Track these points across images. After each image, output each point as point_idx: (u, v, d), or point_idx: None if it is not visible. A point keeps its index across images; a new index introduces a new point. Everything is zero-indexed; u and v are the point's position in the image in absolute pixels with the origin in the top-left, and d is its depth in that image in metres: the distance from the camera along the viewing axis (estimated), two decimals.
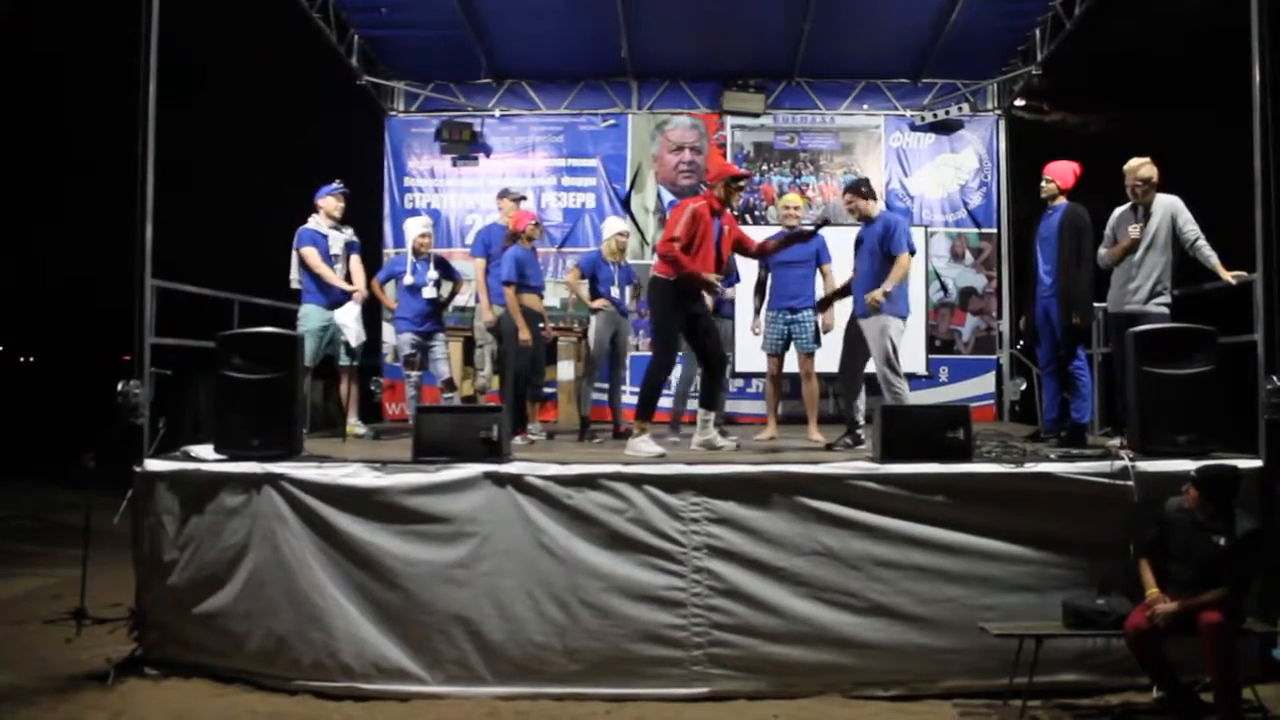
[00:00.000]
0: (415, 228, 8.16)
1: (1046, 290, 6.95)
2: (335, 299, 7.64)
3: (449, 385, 8.20)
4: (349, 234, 7.90)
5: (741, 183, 6.70)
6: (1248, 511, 4.92)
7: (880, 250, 6.64)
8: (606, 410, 8.61)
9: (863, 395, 7.04)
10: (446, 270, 8.19)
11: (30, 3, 18.77)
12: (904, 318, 6.66)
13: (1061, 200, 6.93)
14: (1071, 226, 6.76)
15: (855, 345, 6.81)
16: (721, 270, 6.60)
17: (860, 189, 6.82)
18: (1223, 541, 4.75)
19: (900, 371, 6.59)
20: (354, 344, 7.61)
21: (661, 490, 5.43)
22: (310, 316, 7.60)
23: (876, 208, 6.82)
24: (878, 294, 6.51)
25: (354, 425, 7.88)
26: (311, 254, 7.58)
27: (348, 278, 7.80)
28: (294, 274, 7.73)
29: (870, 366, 6.80)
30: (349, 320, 7.56)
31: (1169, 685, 4.91)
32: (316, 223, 7.71)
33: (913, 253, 6.72)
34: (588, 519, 5.42)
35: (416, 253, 8.03)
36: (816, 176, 11.03)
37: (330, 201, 7.75)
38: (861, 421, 6.86)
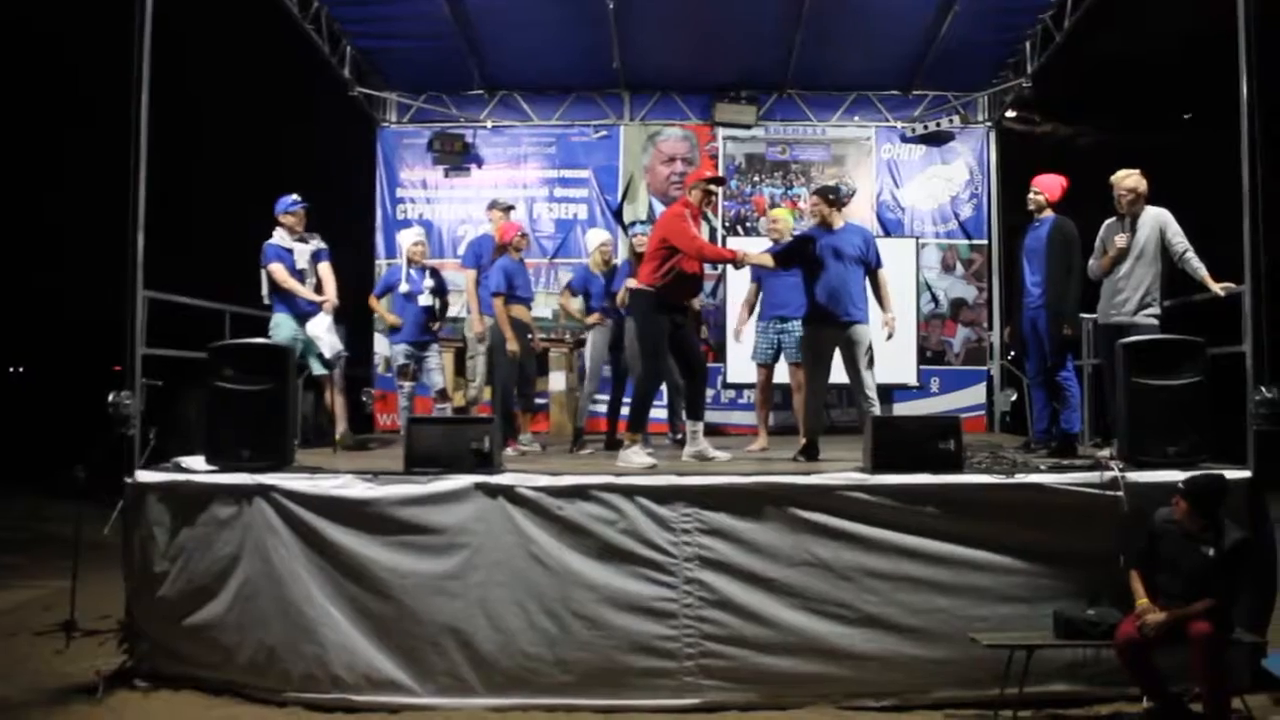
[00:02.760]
0: (409, 237, 8.20)
1: (1035, 301, 6.99)
2: (302, 310, 7.57)
3: (442, 395, 8.21)
4: (315, 243, 7.75)
5: (714, 186, 6.70)
6: (1236, 522, 4.94)
7: (862, 261, 6.64)
8: (602, 421, 8.56)
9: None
10: (439, 283, 8.21)
11: (26, 11, 18.76)
12: None
13: (1049, 213, 6.99)
14: (1060, 238, 6.81)
15: (826, 357, 6.70)
16: (701, 274, 6.71)
17: (829, 196, 6.78)
18: (1211, 552, 4.77)
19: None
20: (328, 355, 7.49)
21: (653, 501, 5.43)
22: (281, 326, 7.51)
23: (840, 218, 6.79)
24: (893, 320, 6.74)
25: (343, 435, 7.87)
26: (278, 270, 7.49)
27: (319, 287, 7.77)
28: (264, 289, 7.67)
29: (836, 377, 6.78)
30: (320, 331, 7.47)
31: (1159, 695, 4.93)
32: (281, 237, 7.61)
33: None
34: (579, 530, 5.42)
35: (411, 261, 8.04)
36: (808, 188, 11.05)
37: (290, 217, 7.63)
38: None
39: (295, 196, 7.71)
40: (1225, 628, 4.77)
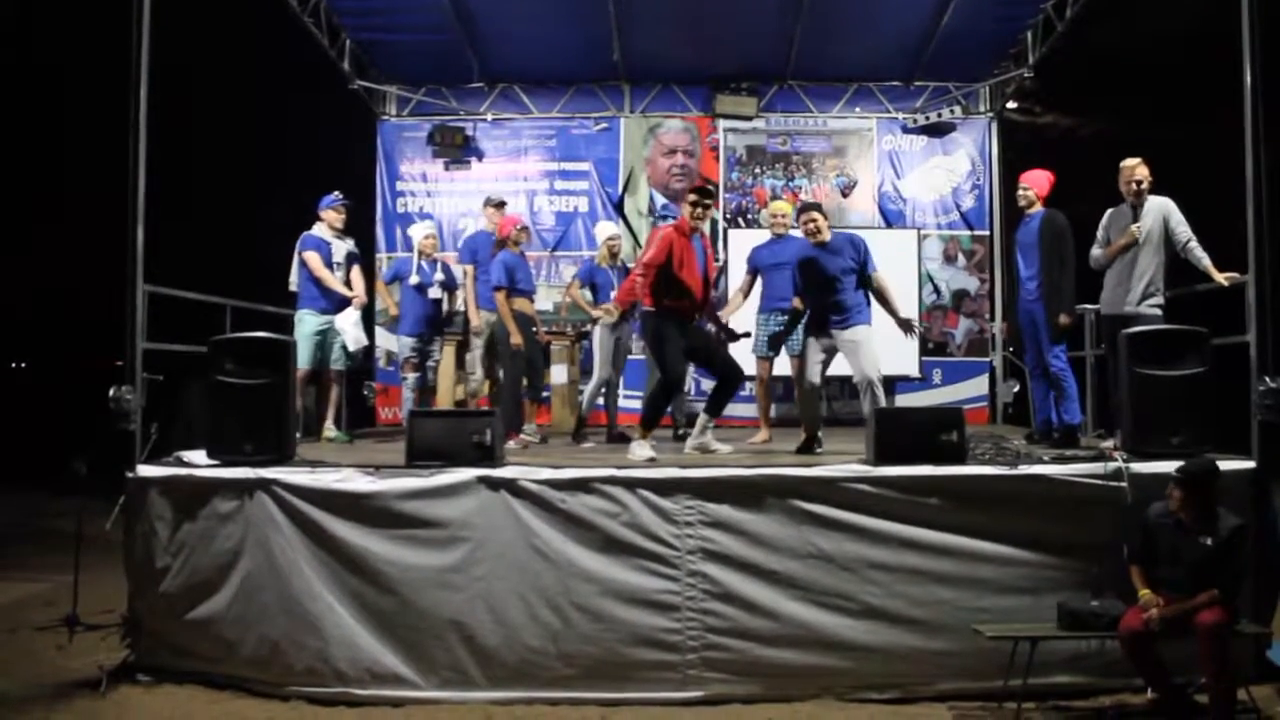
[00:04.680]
0: (421, 230, 8.37)
1: (1030, 295, 7.00)
2: (335, 304, 7.68)
3: (430, 394, 8.28)
4: (351, 244, 8.03)
5: (701, 198, 6.46)
6: (1235, 511, 4.92)
7: (857, 268, 6.56)
8: (602, 414, 8.55)
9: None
10: (449, 277, 8.26)
11: (27, 9, 18.72)
12: None
13: (1039, 207, 7.00)
14: (1050, 232, 6.84)
15: (823, 364, 6.68)
16: (707, 291, 6.59)
17: (821, 209, 6.71)
18: (1209, 541, 4.75)
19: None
20: (352, 348, 7.68)
21: (655, 494, 5.41)
22: (305, 322, 7.65)
23: (828, 230, 6.71)
24: (909, 321, 6.65)
25: (328, 430, 7.89)
26: (314, 258, 7.66)
27: (347, 286, 7.85)
28: (293, 277, 7.80)
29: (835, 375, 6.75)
30: (347, 325, 7.62)
31: (1163, 686, 4.91)
32: (321, 230, 7.82)
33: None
34: (581, 523, 5.40)
35: (423, 254, 8.11)
36: (809, 179, 11.06)
37: (331, 213, 7.86)
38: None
39: (338, 194, 7.92)
40: (1231, 617, 4.75)
